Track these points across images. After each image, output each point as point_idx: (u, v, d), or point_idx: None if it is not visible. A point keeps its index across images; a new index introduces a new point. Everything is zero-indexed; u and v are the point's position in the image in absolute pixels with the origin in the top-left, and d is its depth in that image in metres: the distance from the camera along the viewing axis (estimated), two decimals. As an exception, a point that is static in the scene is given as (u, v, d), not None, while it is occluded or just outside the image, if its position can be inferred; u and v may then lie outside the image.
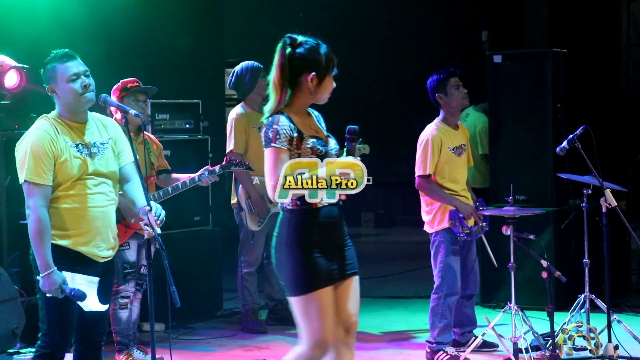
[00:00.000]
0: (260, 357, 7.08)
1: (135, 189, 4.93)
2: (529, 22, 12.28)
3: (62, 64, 4.81)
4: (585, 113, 9.19)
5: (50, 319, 4.80)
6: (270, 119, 4.51)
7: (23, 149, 4.74)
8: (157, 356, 6.80)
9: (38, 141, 4.71)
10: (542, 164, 8.53)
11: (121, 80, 6.86)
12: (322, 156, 4.46)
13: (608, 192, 6.43)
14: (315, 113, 4.71)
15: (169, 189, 6.76)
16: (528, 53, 9.01)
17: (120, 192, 5.00)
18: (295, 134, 4.46)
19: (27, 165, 4.68)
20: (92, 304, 4.78)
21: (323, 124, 4.71)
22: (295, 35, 4.55)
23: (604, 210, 6.47)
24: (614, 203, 6.40)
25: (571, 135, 6.64)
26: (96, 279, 4.81)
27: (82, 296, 4.68)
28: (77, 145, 4.79)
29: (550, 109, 8.53)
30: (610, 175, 6.96)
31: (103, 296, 4.88)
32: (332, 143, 4.61)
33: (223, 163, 6.90)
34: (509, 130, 8.70)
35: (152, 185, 6.86)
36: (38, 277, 4.73)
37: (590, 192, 6.84)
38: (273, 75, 4.54)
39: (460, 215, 6.63)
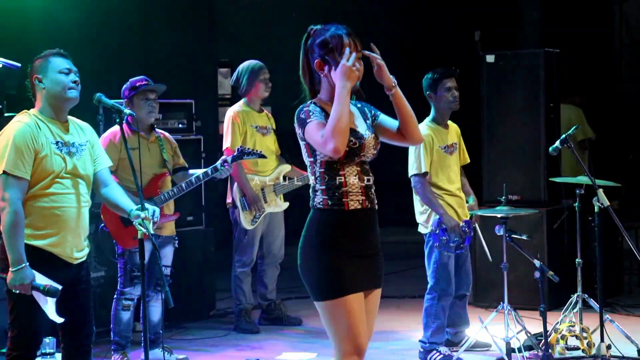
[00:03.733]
0: (253, 357, 7.08)
1: (117, 193, 4.95)
2: (522, 22, 12.31)
3: (57, 57, 4.84)
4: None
5: (21, 321, 4.75)
6: (299, 107, 4.26)
7: (3, 141, 4.69)
8: (181, 356, 6.85)
9: (20, 134, 4.68)
10: (535, 164, 8.54)
11: (130, 80, 6.78)
12: (356, 149, 4.23)
13: (601, 191, 6.43)
14: (358, 105, 4.44)
15: (183, 184, 6.68)
16: (521, 53, 9.01)
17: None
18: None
19: (7, 156, 4.64)
20: (49, 312, 4.71)
21: (367, 112, 4.43)
22: (313, 26, 4.37)
23: (596, 210, 6.47)
24: (607, 203, 6.39)
25: (564, 135, 6.64)
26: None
27: (57, 292, 4.62)
28: (57, 143, 4.77)
29: (543, 108, 8.54)
30: (603, 174, 6.97)
31: (87, 298, 4.87)
32: (368, 134, 4.32)
33: (235, 153, 6.83)
34: (501, 130, 8.70)
35: (167, 182, 6.81)
36: (2, 276, 4.68)
37: (583, 191, 6.85)
38: (300, 70, 4.37)
39: (443, 226, 6.63)
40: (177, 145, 7.01)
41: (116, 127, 6.64)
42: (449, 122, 6.92)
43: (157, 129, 6.87)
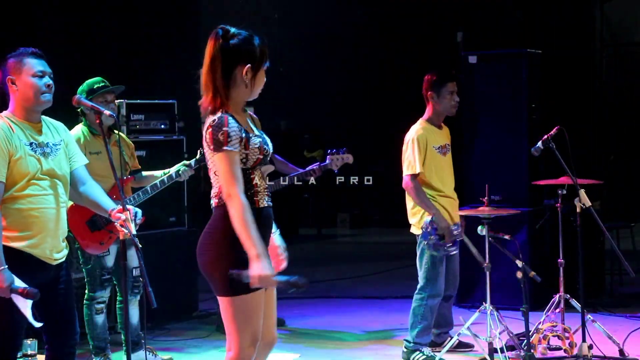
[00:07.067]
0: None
1: (96, 191, 4.89)
2: (504, 23, 12.35)
3: (31, 58, 4.77)
4: (560, 114, 9.26)
5: None
6: (216, 119, 4.24)
7: None
8: (165, 357, 6.84)
9: None
10: (517, 164, 8.56)
11: (86, 81, 6.66)
12: (266, 156, 4.38)
13: (582, 192, 6.45)
14: (248, 111, 4.53)
15: (148, 188, 6.66)
16: (503, 54, 9.03)
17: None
18: (243, 134, 4.27)
19: None
20: (29, 315, 4.65)
21: (257, 122, 4.56)
22: (228, 27, 4.33)
23: (578, 210, 6.50)
24: (588, 203, 6.42)
25: (546, 136, 6.66)
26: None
27: (36, 294, 4.58)
28: (30, 144, 4.73)
29: (524, 109, 8.57)
30: (584, 175, 6.99)
31: (68, 299, 4.84)
32: (268, 141, 4.47)
33: (197, 156, 6.83)
34: (483, 130, 8.73)
35: (128, 186, 6.77)
36: None
37: (564, 192, 6.88)
38: (204, 68, 4.31)
39: (434, 226, 6.64)
40: (134, 147, 6.97)
41: (77, 129, 6.58)
42: (442, 124, 6.95)
43: (114, 131, 6.77)
